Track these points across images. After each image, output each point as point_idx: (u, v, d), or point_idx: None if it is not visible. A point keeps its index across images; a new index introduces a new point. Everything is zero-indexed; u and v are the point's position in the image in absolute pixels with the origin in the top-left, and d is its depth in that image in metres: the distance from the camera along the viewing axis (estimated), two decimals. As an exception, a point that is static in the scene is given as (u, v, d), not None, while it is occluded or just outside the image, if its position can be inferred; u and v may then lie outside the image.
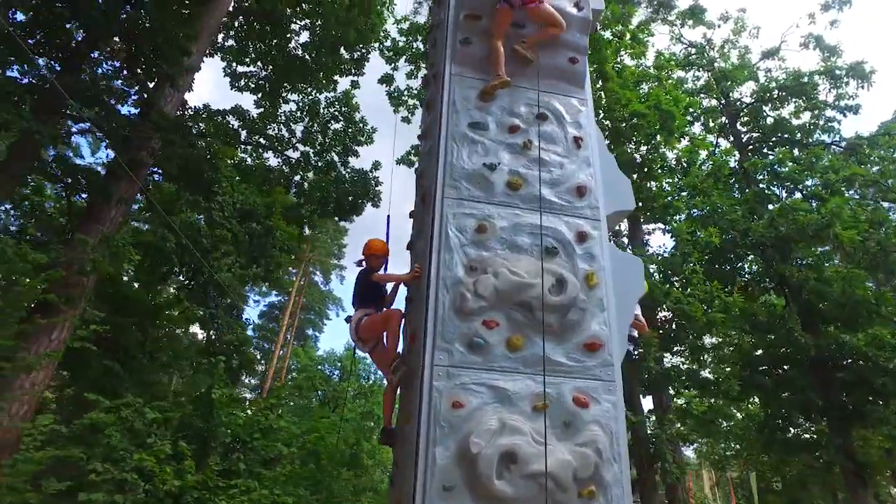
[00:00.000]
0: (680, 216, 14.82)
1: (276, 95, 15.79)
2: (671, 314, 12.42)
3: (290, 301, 37.45)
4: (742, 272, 16.77)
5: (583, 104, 6.23)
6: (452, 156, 5.52)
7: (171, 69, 11.09)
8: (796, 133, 18.63)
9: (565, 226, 5.36)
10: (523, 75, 6.16)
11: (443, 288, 4.87)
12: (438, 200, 5.29)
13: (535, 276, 4.96)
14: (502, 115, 5.86)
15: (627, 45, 16.37)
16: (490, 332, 4.70)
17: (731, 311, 12.57)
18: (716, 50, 20.80)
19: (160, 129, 10.39)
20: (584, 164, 5.78)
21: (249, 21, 16.12)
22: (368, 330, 5.47)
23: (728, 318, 12.60)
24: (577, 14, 6.51)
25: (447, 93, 5.92)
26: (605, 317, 5.01)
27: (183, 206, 12.16)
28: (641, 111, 13.28)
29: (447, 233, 5.12)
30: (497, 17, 6.11)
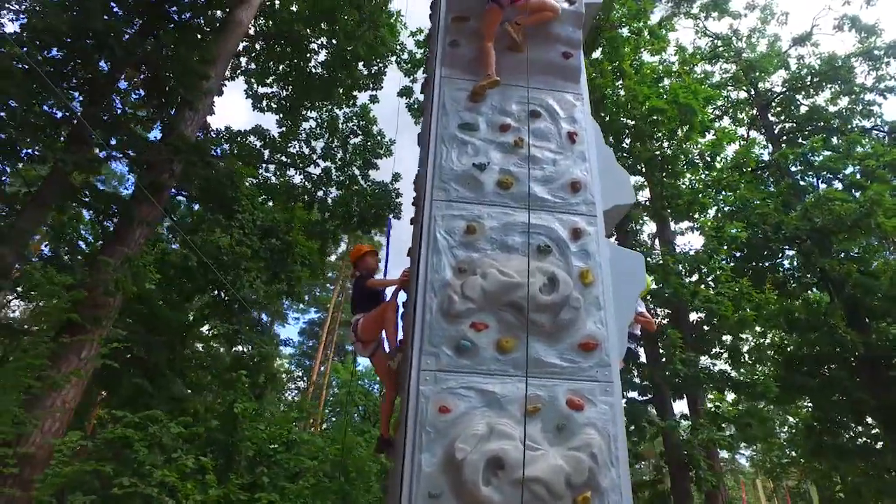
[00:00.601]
0: (708, 213, 14.31)
1: (296, 114, 16.14)
2: (703, 314, 11.93)
3: (328, 317, 37.99)
4: (780, 268, 16.01)
5: (578, 99, 6.11)
6: (441, 158, 5.46)
7: (190, 94, 11.47)
8: (833, 120, 17.78)
9: (559, 223, 5.22)
10: (515, 73, 6.08)
11: (430, 291, 4.79)
12: (427, 203, 5.23)
13: (526, 276, 4.84)
14: (493, 114, 5.78)
15: (646, 42, 16.01)
16: (478, 334, 4.58)
17: (764, 309, 11.99)
18: (743, 40, 20.15)
19: (180, 152, 10.73)
20: (580, 159, 5.63)
21: (269, 44, 16.58)
22: (367, 329, 5.48)
23: (761, 316, 12.01)
24: (569, 8, 6.40)
25: (437, 96, 5.89)
26: (601, 315, 4.82)
27: (204, 226, 12.52)
28: (660, 106, 12.92)
29: (435, 235, 5.05)
30: (486, 18, 6.05)
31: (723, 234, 12.84)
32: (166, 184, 10.72)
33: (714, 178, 13.78)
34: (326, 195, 15.86)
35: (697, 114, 12.67)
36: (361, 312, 5.56)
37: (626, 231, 13.67)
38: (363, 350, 5.56)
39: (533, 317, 4.67)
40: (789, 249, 14.89)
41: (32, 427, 7.71)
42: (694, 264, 12.33)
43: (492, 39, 5.96)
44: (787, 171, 15.14)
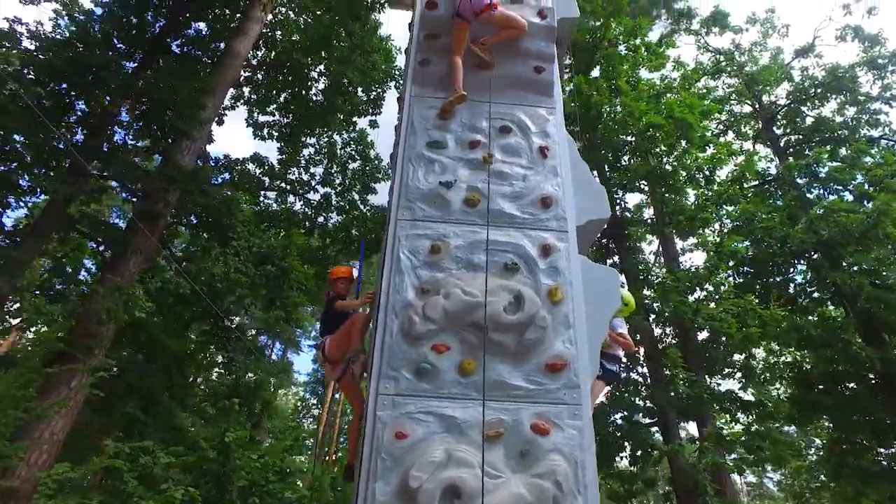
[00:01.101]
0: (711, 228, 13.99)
1: (297, 141, 16.31)
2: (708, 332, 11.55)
3: (340, 343, 37.79)
4: (792, 283, 15.54)
5: (551, 113, 6.01)
6: (408, 177, 5.38)
7: (186, 125, 11.64)
8: (840, 131, 17.44)
9: (527, 240, 5.07)
10: (487, 89, 6.03)
11: (392, 313, 4.66)
12: (392, 223, 5.14)
13: (491, 295, 4.68)
14: (463, 131, 5.69)
15: (644, 59, 15.95)
16: (439, 356, 4.41)
17: (770, 325, 11.57)
18: (745, 54, 20.01)
19: (175, 181, 10.84)
20: (551, 174, 5.50)
21: (271, 74, 16.86)
22: (334, 347, 5.37)
23: (766, 333, 11.60)
24: (541, 23, 6.35)
25: (406, 115, 5.84)
26: (570, 334, 4.62)
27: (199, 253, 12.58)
28: (657, 122, 12.77)
29: (398, 255, 4.93)
30: (454, 32, 6.03)
31: (723, 250, 12.49)
32: (161, 213, 10.81)
33: (715, 192, 13.49)
34: (327, 221, 15.92)
35: (694, 128, 12.48)
36: (329, 334, 5.45)
37: (627, 248, 13.42)
38: (331, 371, 5.43)
39: (497, 337, 4.51)
40: (798, 263, 14.46)
41: (18, 460, 7.66)
42: (694, 281, 12.00)
43: (460, 53, 5.93)
44: (794, 184, 14.79)
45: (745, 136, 20.24)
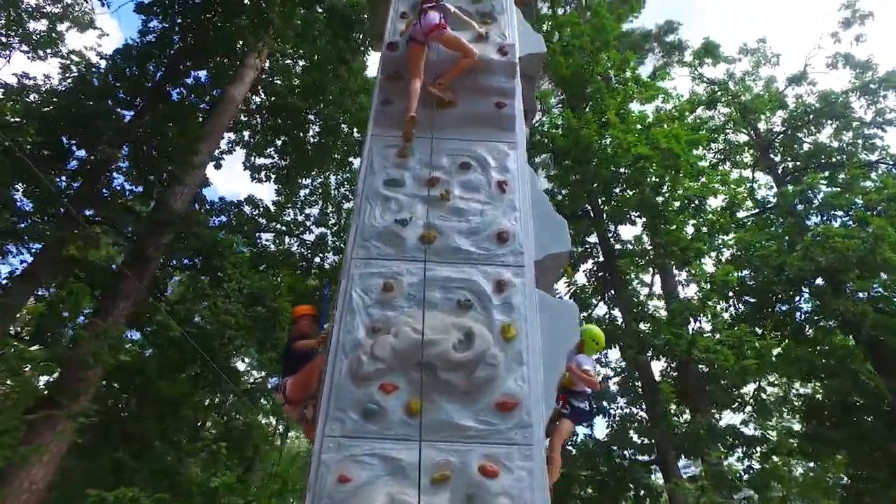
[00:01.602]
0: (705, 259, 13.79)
1: (293, 183, 16.60)
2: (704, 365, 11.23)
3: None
4: (798, 311, 15.16)
5: (512, 147, 6.01)
6: (365, 216, 5.39)
7: (180, 170, 11.91)
8: (836, 156, 17.31)
9: (482, 276, 5.01)
10: (447, 126, 6.08)
11: (342, 353, 4.60)
12: (347, 263, 5.14)
13: (442, 333, 4.61)
14: (421, 168, 5.72)
15: (634, 91, 16.11)
16: (387, 396, 4.33)
17: (766, 356, 11.24)
18: (738, 84, 20.11)
19: (167, 226, 11.03)
20: (509, 208, 5.47)
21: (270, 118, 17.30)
22: (295, 388, 5.29)
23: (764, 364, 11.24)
24: (501, 59, 6.44)
25: (366, 155, 5.90)
26: (523, 372, 4.51)
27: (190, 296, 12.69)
28: (646, 153, 12.79)
29: (351, 294, 4.91)
30: (409, 56, 6.16)
31: (715, 280, 12.26)
32: (152, 257, 10.97)
33: (707, 221, 13.37)
34: (323, 261, 16.03)
35: (682, 158, 12.46)
36: (291, 374, 5.39)
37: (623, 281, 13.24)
38: (292, 412, 5.35)
39: (445, 376, 4.42)
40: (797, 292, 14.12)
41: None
42: (686, 313, 11.75)
43: (418, 76, 6.01)
44: (792, 211, 14.59)
45: (744, 164, 20.19)
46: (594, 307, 15.50)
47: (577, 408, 5.59)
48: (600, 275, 14.71)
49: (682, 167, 12.81)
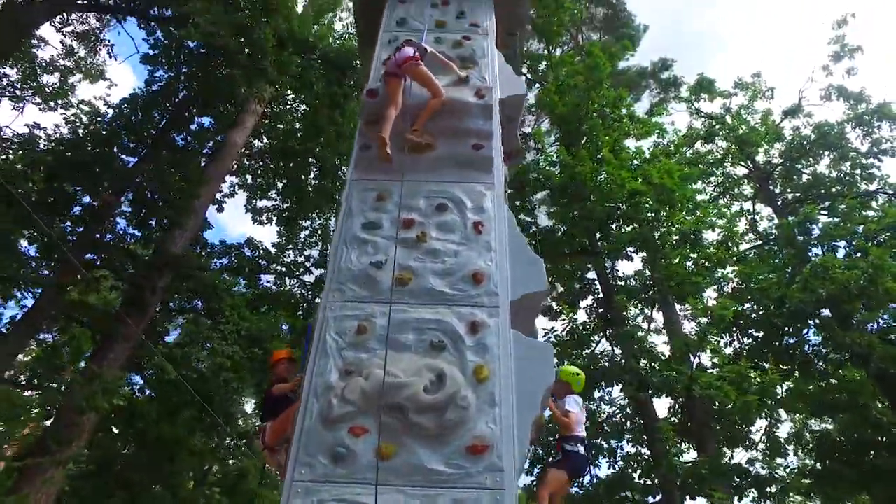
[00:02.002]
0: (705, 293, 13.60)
1: (294, 224, 16.85)
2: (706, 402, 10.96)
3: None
4: (806, 344, 14.86)
5: (489, 188, 6.07)
6: (341, 259, 5.46)
7: (179, 216, 12.16)
8: (835, 186, 17.31)
9: (456, 317, 5.02)
10: (426, 168, 6.19)
11: (313, 396, 4.61)
12: (322, 306, 5.19)
13: (413, 375, 4.61)
14: (398, 211, 5.81)
15: (629, 128, 16.33)
16: (356, 440, 4.30)
17: (768, 391, 10.97)
18: (735, 117, 20.32)
19: (165, 268, 11.21)
20: (484, 249, 5.50)
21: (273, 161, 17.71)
22: (274, 433, 5.27)
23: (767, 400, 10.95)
24: (479, 102, 6.60)
25: (345, 199, 6.02)
26: (495, 413, 4.46)
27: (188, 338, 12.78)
28: (639, 189, 12.87)
29: (325, 337, 4.94)
30: (387, 89, 6.36)
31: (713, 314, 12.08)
32: (149, 301, 11.11)
33: (704, 255, 13.28)
34: (324, 301, 15.96)
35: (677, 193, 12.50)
36: (270, 419, 5.38)
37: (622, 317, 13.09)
38: (271, 458, 5.32)
39: (416, 419, 4.39)
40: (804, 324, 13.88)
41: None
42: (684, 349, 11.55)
43: (393, 105, 6.16)
44: (792, 242, 14.49)
45: (744, 196, 20.22)
46: (596, 344, 15.32)
47: (570, 452, 5.39)
48: (600, 311, 14.58)
49: (677, 201, 12.85)
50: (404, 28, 8.10)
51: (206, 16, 9.52)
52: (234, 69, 10.37)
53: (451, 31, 8.10)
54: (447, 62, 7.05)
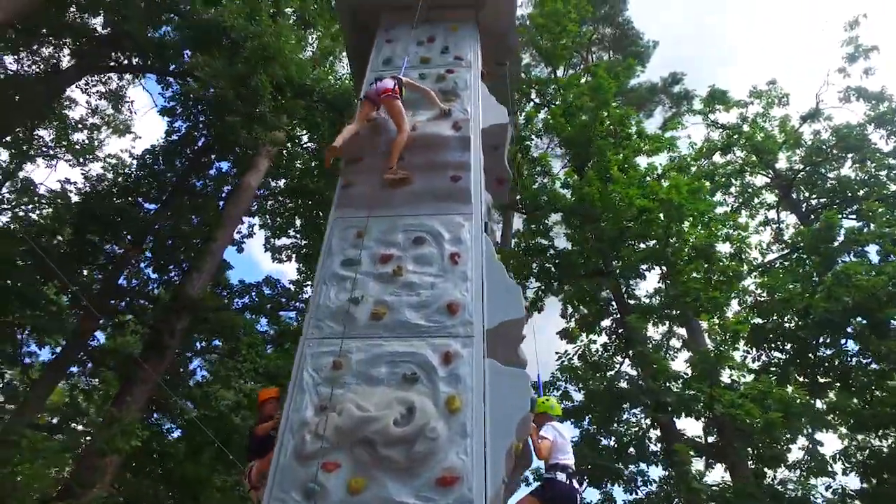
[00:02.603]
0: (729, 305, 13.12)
1: (313, 261, 17.19)
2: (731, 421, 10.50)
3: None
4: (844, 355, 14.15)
5: (467, 219, 6.13)
6: (321, 297, 5.61)
7: (197, 259, 12.62)
8: (861, 189, 16.67)
9: (430, 349, 5.07)
10: (405, 202, 6.30)
11: (289, 433, 4.72)
12: (301, 343, 5.31)
13: (384, 408, 4.67)
14: (377, 246, 5.92)
15: (637, 145, 16.22)
16: (328, 475, 4.37)
17: (794, 407, 10.46)
18: (752, 126, 19.91)
19: (183, 311, 11.62)
20: (460, 279, 5.56)
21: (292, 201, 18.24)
22: (259, 472, 5.35)
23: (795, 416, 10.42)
24: (455, 135, 6.71)
25: (327, 237, 6.18)
26: (466, 444, 4.47)
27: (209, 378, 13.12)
28: (648, 206, 12.72)
29: (302, 374, 5.06)
30: (359, 109, 6.64)
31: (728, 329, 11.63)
32: (168, 343, 11.49)
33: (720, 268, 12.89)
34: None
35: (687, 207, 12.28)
36: (256, 458, 5.48)
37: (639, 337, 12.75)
38: (255, 497, 5.40)
39: (386, 452, 4.43)
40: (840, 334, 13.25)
41: None
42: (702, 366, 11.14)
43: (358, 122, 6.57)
44: (816, 250, 13.98)
45: (767, 205, 19.68)
46: (620, 365, 14.95)
47: (547, 479, 5.28)
48: (620, 331, 14.30)
49: (687, 216, 12.62)
50: (390, 67, 8.33)
51: (205, 69, 10.12)
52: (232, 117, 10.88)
53: (434, 66, 8.27)
54: (425, 89, 7.27)
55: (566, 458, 5.37)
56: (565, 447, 5.33)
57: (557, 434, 5.38)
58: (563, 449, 5.29)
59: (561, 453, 5.23)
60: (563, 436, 5.46)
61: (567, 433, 5.62)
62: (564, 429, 5.59)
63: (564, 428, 5.62)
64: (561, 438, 5.37)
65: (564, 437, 5.45)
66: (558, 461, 5.34)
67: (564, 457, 5.35)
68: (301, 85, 11.47)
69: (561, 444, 5.30)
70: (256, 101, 10.50)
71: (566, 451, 5.32)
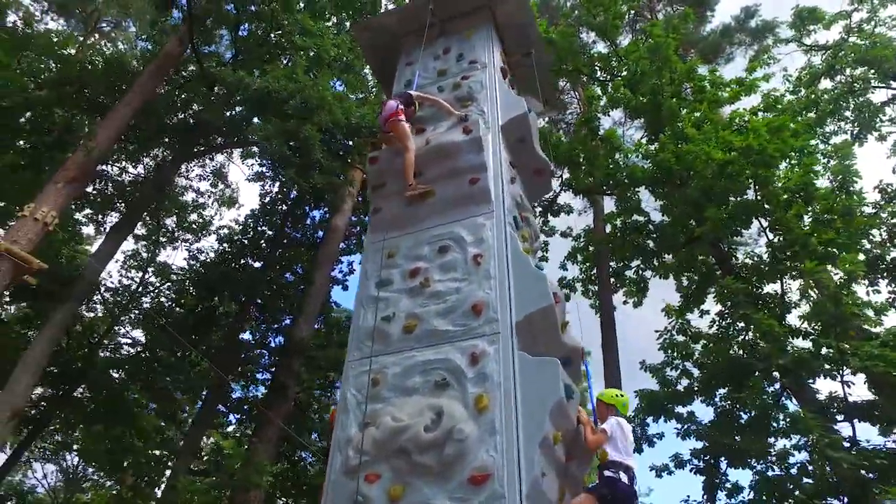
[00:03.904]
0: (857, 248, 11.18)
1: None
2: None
3: None
4: None
5: (488, 217, 6.16)
6: (359, 320, 5.94)
7: (301, 302, 13.77)
8: None
9: (458, 352, 5.17)
10: (430, 214, 6.46)
11: (337, 450, 5.06)
12: (346, 366, 5.66)
13: (417, 416, 4.83)
14: (406, 263, 6.15)
15: (713, 96, 14.87)
16: (371, 486, 4.62)
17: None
18: (861, 35, 17.35)
19: (295, 354, 12.74)
20: (484, 278, 5.61)
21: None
22: None
23: None
24: (467, 138, 6.75)
25: (362, 264, 6.55)
26: (496, 441, 4.49)
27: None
28: (726, 159, 11.55)
29: (345, 395, 5.40)
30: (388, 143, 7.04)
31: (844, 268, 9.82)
32: (288, 384, 12.63)
33: (825, 207, 11.11)
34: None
35: (773, 147, 10.91)
36: None
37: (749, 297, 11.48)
38: None
39: (419, 458, 4.59)
40: None
41: None
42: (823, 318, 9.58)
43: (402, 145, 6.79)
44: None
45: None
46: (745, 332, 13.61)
47: (606, 478, 4.86)
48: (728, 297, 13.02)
49: (775, 158, 11.21)
50: (411, 89, 8.55)
51: (259, 133, 11.25)
52: (288, 170, 11.89)
53: (451, 75, 8.38)
54: (435, 100, 7.46)
55: (628, 458, 4.94)
56: (626, 447, 4.94)
57: (618, 430, 4.99)
58: (623, 448, 4.89)
59: (620, 452, 4.86)
60: (626, 435, 5.05)
61: (631, 434, 5.20)
62: (629, 429, 5.20)
63: (629, 428, 5.21)
64: (621, 436, 4.98)
65: (627, 436, 5.04)
66: (622, 460, 4.95)
67: (625, 457, 4.93)
68: (349, 125, 12.22)
69: (621, 442, 4.91)
70: (308, 150, 11.41)
71: (628, 452, 4.93)
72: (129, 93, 13.29)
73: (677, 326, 10.92)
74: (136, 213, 14.43)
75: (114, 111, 13.04)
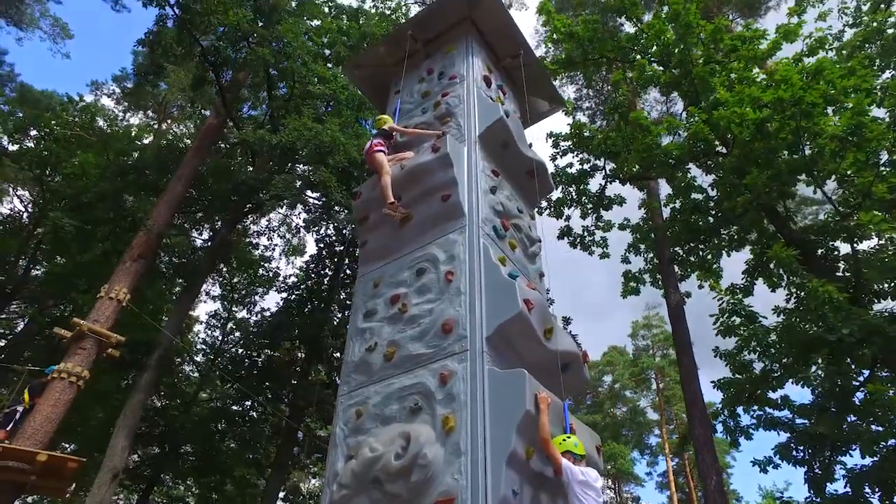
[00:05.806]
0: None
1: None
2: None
3: None
4: None
5: (461, 232, 6.09)
6: (349, 354, 6.04)
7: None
8: None
9: (430, 374, 5.12)
10: (410, 237, 6.48)
11: (327, 486, 5.15)
12: (337, 402, 5.75)
13: (388, 445, 4.80)
14: (388, 290, 6.19)
15: (748, 53, 13.70)
16: None
17: None
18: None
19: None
20: (455, 295, 5.53)
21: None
22: None
23: None
24: (435, 156, 6.69)
25: (353, 297, 6.67)
26: (461, 463, 4.37)
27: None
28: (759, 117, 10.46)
29: (336, 430, 5.47)
30: None
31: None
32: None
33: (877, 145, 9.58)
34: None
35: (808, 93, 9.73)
36: None
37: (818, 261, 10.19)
38: None
39: (391, 488, 4.55)
40: None
41: None
42: None
43: None
44: None
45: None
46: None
47: None
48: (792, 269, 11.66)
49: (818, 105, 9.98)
50: (401, 116, 8.66)
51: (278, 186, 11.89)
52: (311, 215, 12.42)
53: (433, 96, 8.38)
54: (410, 131, 7.55)
55: None
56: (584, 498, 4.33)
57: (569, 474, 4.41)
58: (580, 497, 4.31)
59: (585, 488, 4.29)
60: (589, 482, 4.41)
61: (596, 482, 4.52)
62: (594, 476, 4.53)
63: (594, 476, 4.53)
64: (576, 482, 4.39)
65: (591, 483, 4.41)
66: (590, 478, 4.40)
67: None
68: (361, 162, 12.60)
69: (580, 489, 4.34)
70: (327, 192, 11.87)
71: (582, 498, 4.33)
72: (179, 168, 14.59)
73: (730, 308, 9.94)
74: (200, 279, 15.63)
75: (168, 189, 14.34)
